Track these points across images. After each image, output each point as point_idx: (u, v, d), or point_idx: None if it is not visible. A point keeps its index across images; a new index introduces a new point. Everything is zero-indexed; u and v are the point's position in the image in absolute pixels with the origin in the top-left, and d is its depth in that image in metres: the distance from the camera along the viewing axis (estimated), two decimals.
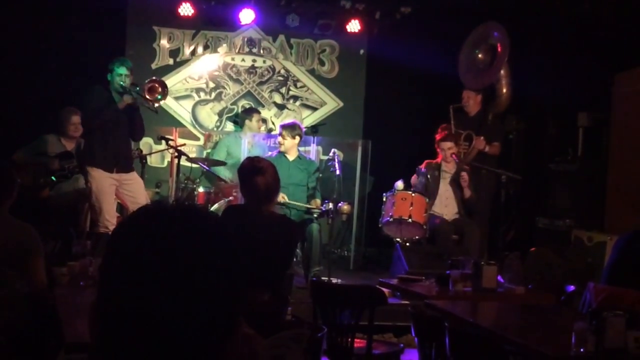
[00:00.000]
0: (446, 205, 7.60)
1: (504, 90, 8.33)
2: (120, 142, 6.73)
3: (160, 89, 6.61)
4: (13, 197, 4.23)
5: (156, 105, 6.63)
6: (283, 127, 7.50)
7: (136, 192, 6.76)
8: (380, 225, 7.33)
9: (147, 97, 6.55)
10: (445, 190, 7.63)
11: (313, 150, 8.44)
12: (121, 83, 6.58)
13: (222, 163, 7.93)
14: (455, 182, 7.58)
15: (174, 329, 1.08)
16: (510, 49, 7.95)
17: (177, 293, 1.08)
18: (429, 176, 7.60)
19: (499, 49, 8.06)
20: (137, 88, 6.58)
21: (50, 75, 8.05)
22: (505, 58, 8.02)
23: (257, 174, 4.16)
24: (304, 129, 7.79)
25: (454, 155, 7.53)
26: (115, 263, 1.12)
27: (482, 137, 7.91)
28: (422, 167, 7.70)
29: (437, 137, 7.71)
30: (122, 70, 6.62)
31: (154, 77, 6.90)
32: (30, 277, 4.03)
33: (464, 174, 7.45)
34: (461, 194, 7.55)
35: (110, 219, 6.56)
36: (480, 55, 8.25)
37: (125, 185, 6.74)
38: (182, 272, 1.09)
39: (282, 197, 7.03)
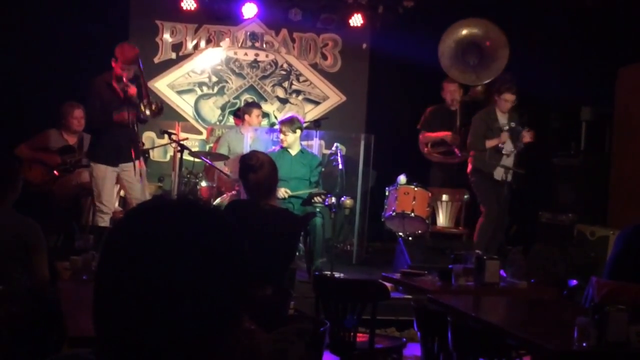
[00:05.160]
0: None
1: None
2: (124, 134, 6.70)
3: (155, 110, 6.50)
4: (18, 191, 4.20)
5: (142, 116, 6.53)
6: (282, 123, 7.41)
7: (132, 179, 6.72)
8: (382, 220, 7.32)
9: (142, 107, 6.43)
10: None
11: (316, 145, 8.41)
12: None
13: (225, 157, 7.92)
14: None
15: (174, 324, 1.07)
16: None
17: (178, 288, 1.07)
18: None
19: (495, 59, 7.98)
20: (139, 80, 6.53)
21: (53, 69, 8.04)
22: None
23: (250, 171, 4.22)
24: (304, 122, 7.75)
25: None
26: (114, 257, 1.12)
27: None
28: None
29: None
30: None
31: (160, 103, 6.72)
32: (32, 272, 4.04)
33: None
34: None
35: (106, 204, 6.57)
36: (468, 55, 8.13)
37: (124, 172, 6.73)
38: (183, 266, 1.08)
39: (285, 192, 7.02)
